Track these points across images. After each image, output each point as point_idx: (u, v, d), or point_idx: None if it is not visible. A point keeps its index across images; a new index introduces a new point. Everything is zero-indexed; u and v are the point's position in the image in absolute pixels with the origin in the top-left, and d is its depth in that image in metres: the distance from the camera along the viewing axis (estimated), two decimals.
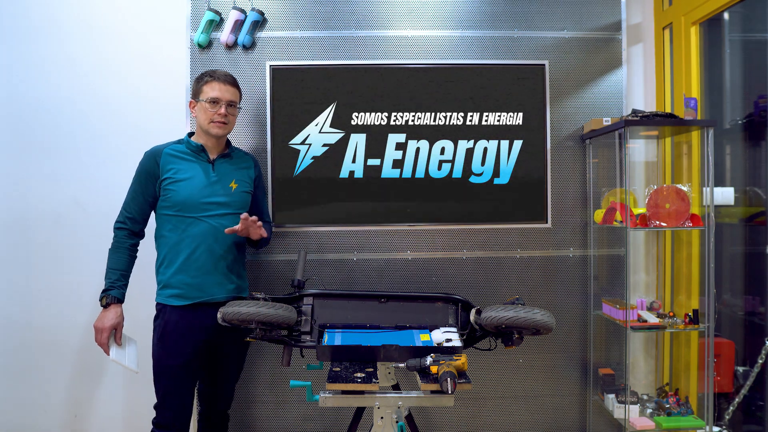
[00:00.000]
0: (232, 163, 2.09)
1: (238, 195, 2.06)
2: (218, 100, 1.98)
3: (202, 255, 1.96)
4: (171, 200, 1.96)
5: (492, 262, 2.60)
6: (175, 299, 1.96)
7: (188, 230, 1.96)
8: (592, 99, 2.62)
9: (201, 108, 2.00)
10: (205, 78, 2.01)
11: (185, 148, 2.02)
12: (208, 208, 1.98)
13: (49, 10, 2.57)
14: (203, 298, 1.97)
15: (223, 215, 2.01)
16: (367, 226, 2.57)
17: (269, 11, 2.54)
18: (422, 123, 2.57)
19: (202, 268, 1.97)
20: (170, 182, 1.96)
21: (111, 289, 1.94)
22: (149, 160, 1.99)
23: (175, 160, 1.99)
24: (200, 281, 1.96)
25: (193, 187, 1.97)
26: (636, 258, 2.69)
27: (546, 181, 2.59)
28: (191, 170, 2.00)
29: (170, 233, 1.97)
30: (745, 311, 2.62)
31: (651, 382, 2.67)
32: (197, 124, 2.04)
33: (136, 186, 2.00)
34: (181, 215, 1.96)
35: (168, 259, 1.98)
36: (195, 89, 2.03)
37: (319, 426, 2.57)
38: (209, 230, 1.97)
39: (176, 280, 1.96)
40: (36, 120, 2.57)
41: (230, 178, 2.05)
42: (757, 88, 2.57)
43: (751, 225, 2.59)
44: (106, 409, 2.62)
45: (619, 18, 2.63)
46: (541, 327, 1.81)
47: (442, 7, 2.59)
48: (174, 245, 1.97)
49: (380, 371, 1.80)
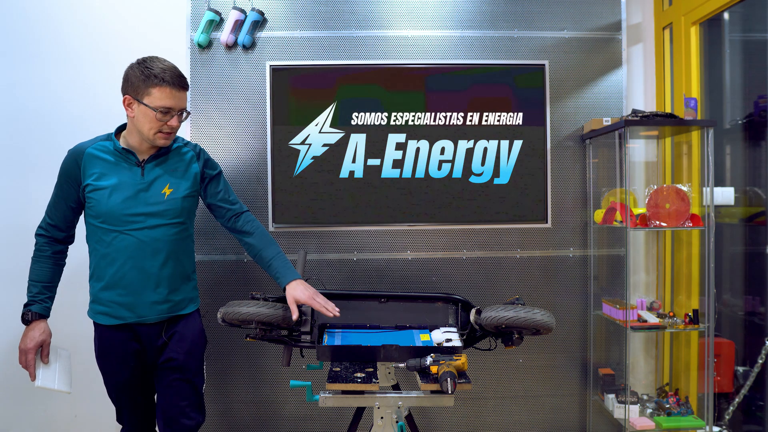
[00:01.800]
0: (167, 164, 1.79)
1: (171, 202, 1.77)
2: (170, 110, 1.67)
3: (130, 272, 1.72)
4: (95, 209, 1.71)
5: (492, 262, 2.60)
6: (103, 317, 1.76)
7: (114, 244, 1.71)
8: (592, 99, 2.62)
9: (144, 113, 1.66)
10: (152, 78, 1.63)
11: (111, 148, 1.73)
12: (134, 220, 1.71)
13: (47, 9, 2.57)
14: (132, 319, 1.75)
15: (154, 227, 1.74)
16: (367, 226, 2.57)
17: (269, 11, 2.54)
18: (422, 123, 2.57)
19: (129, 286, 1.73)
20: (91, 189, 1.70)
21: (32, 303, 1.72)
22: (70, 160, 1.73)
23: (97, 162, 1.71)
24: (130, 301, 1.73)
25: (117, 197, 1.70)
26: (636, 258, 2.69)
27: (546, 181, 2.59)
28: (115, 175, 1.71)
29: (97, 245, 1.74)
30: (745, 311, 2.62)
31: (651, 382, 2.67)
32: (133, 125, 1.71)
33: (57, 189, 1.76)
34: (105, 227, 1.71)
35: (97, 272, 1.75)
36: (136, 85, 1.65)
37: (319, 426, 2.57)
38: (136, 245, 1.72)
39: (104, 297, 1.74)
40: (34, 121, 2.57)
41: (163, 183, 1.76)
42: (757, 88, 2.57)
43: (751, 225, 2.59)
44: (106, 410, 2.62)
45: (619, 18, 2.63)
46: (541, 327, 1.80)
47: (442, 7, 2.59)
48: (101, 258, 1.74)
49: (380, 371, 1.80)
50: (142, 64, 1.66)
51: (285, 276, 1.84)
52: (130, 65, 1.69)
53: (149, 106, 1.64)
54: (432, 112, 2.57)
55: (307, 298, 1.78)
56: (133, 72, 1.66)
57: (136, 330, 1.78)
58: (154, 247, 1.74)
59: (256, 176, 2.54)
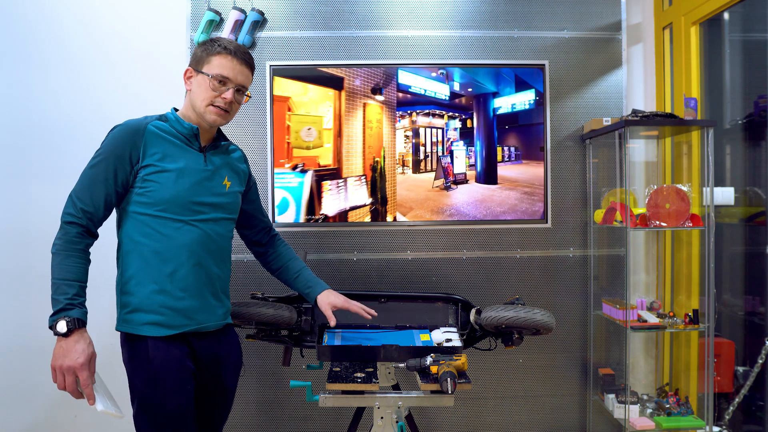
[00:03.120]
0: (222, 156, 1.64)
1: (231, 196, 1.63)
2: (227, 80, 1.52)
3: (192, 271, 1.50)
4: (152, 196, 1.47)
5: (492, 262, 2.60)
6: (153, 327, 1.46)
7: (174, 237, 1.48)
8: (592, 99, 2.62)
9: (201, 83, 1.53)
10: (216, 47, 1.52)
11: (171, 129, 1.53)
12: (200, 210, 1.53)
13: (46, 9, 2.57)
14: (190, 327, 1.51)
15: (218, 220, 1.57)
16: (367, 225, 2.57)
17: (269, 11, 2.54)
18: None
19: (190, 288, 1.50)
20: (154, 171, 1.47)
21: (70, 308, 1.35)
22: (125, 136, 1.47)
23: (159, 141, 1.50)
24: (187, 305, 1.50)
25: (185, 182, 1.50)
26: (636, 258, 2.69)
27: (546, 181, 2.59)
28: (181, 158, 1.52)
29: (146, 239, 1.48)
30: (745, 311, 2.62)
31: (651, 382, 2.67)
32: (189, 101, 1.57)
33: (100, 169, 1.45)
34: (164, 217, 1.48)
35: (141, 273, 1.47)
36: (199, 56, 1.54)
37: (319, 426, 2.57)
38: (201, 239, 1.52)
39: (154, 303, 1.47)
40: (32, 120, 2.57)
41: (223, 175, 1.61)
42: (757, 88, 2.57)
43: (751, 225, 2.59)
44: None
45: (619, 18, 2.63)
46: (541, 327, 1.81)
47: (442, 7, 2.59)
48: (151, 256, 1.47)
49: (380, 371, 1.80)
50: (209, 41, 1.56)
51: (317, 285, 1.82)
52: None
53: (206, 72, 1.51)
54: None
55: (344, 303, 1.77)
56: (198, 47, 1.56)
57: (192, 343, 1.53)
58: (219, 244, 1.58)
59: (257, 176, 2.53)
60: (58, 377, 1.35)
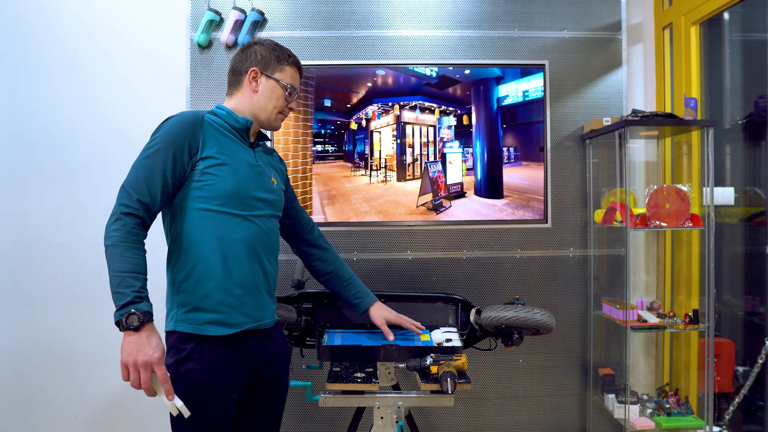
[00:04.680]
0: (266, 154, 1.64)
1: (279, 193, 1.62)
2: (294, 90, 1.59)
3: (250, 267, 1.47)
4: (212, 189, 1.42)
5: (492, 262, 2.60)
6: (215, 327, 1.41)
7: (233, 233, 1.44)
8: (592, 99, 2.62)
9: (274, 90, 1.55)
10: (288, 57, 1.57)
11: (224, 123, 1.50)
12: (257, 205, 1.50)
13: (46, 10, 2.57)
14: (248, 324, 1.46)
15: (270, 216, 1.55)
16: (367, 226, 2.57)
17: (269, 11, 2.54)
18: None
19: (247, 285, 1.46)
20: (214, 164, 1.43)
21: (138, 300, 1.26)
22: (185, 125, 1.41)
23: (215, 134, 1.46)
24: (245, 302, 1.46)
25: (243, 176, 1.47)
26: (636, 258, 2.69)
27: (546, 181, 2.59)
28: (236, 152, 1.49)
29: (206, 235, 1.42)
30: (745, 311, 2.62)
31: (651, 382, 2.67)
32: (251, 102, 1.55)
33: (157, 159, 1.37)
34: (223, 211, 1.43)
35: (199, 270, 1.42)
36: (268, 59, 1.55)
37: (319, 426, 2.57)
38: (258, 235, 1.49)
39: (214, 301, 1.41)
40: (31, 121, 2.57)
41: (269, 172, 1.59)
42: (757, 88, 2.57)
43: (751, 225, 2.59)
44: (107, 410, 2.62)
45: (619, 18, 2.63)
46: (541, 327, 1.81)
47: (442, 7, 2.59)
48: (212, 252, 1.42)
49: (380, 371, 1.80)
50: (273, 44, 1.58)
51: (367, 296, 1.82)
52: (254, 43, 1.58)
53: (281, 81, 1.55)
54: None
55: (397, 318, 1.81)
56: (263, 48, 1.56)
57: (247, 342, 1.48)
58: (272, 240, 1.56)
59: None
60: (132, 374, 1.24)
